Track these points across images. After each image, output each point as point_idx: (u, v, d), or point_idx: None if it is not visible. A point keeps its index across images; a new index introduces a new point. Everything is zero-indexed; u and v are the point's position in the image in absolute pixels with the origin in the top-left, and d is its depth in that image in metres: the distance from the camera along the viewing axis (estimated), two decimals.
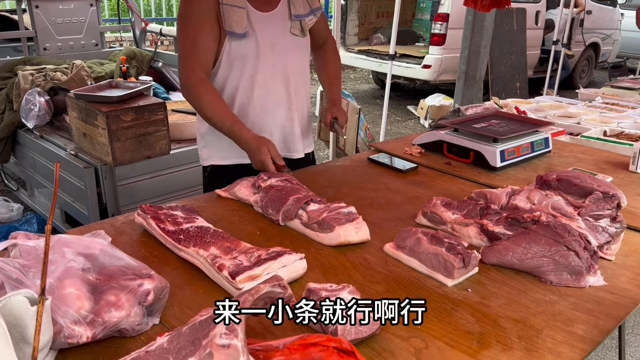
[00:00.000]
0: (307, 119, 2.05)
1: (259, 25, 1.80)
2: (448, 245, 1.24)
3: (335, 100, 2.04)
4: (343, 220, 1.38)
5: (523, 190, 1.58)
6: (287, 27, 1.87)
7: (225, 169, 1.95)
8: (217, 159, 1.96)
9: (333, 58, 2.14)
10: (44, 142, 3.17)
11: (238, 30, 1.75)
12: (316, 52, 2.14)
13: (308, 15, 1.90)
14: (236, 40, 1.78)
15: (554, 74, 7.45)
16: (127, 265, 1.09)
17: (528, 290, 1.21)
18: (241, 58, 1.81)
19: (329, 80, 2.10)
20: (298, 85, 1.94)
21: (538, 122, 2.20)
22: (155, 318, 1.07)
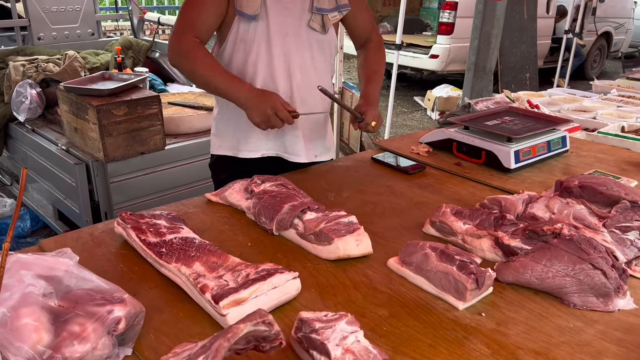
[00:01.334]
0: (317, 123, 1.89)
1: (274, 10, 1.66)
2: (459, 264, 1.11)
3: (367, 95, 1.84)
4: (343, 232, 1.25)
5: (541, 197, 1.44)
6: (305, 18, 1.71)
7: (229, 162, 1.86)
8: (224, 150, 1.87)
9: (375, 55, 1.95)
10: (35, 136, 3.06)
11: (248, 10, 1.62)
12: (359, 49, 2.00)
13: (332, 11, 1.74)
14: (245, 22, 1.65)
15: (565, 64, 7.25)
16: (96, 287, 0.97)
17: (549, 315, 1.08)
18: (248, 42, 1.69)
19: (366, 77, 1.91)
20: (308, 85, 1.78)
21: (555, 119, 2.06)
22: (128, 349, 0.95)
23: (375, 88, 1.87)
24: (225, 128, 1.85)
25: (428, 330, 1.02)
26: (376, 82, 1.89)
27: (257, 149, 1.83)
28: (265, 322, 0.75)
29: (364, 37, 1.95)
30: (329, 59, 1.85)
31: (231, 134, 1.84)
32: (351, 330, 0.90)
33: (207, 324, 1.01)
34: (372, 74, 1.91)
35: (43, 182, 3.09)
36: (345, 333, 0.89)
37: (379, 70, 1.93)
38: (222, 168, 1.88)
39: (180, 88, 3.74)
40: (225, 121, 1.85)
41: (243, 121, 1.74)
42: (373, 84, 1.87)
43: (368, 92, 1.85)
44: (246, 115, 1.62)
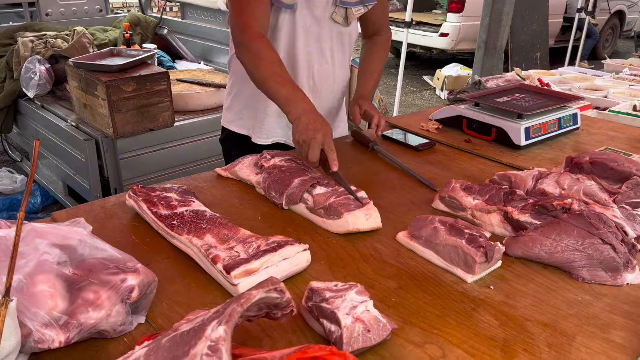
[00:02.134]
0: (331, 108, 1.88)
1: (302, 2, 1.63)
2: (469, 237, 1.12)
3: (364, 93, 1.81)
4: (352, 206, 1.25)
5: (551, 173, 1.44)
6: (328, 10, 1.68)
7: (241, 141, 1.85)
8: (236, 127, 1.86)
9: (380, 53, 1.90)
10: (45, 113, 3.07)
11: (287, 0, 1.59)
12: (365, 39, 1.92)
13: (357, 4, 1.70)
14: (276, 11, 1.62)
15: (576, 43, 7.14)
16: (109, 257, 0.98)
17: (558, 288, 1.09)
18: (276, 31, 1.66)
19: (365, 73, 1.86)
20: (324, 76, 1.77)
21: (566, 96, 2.03)
22: (141, 317, 0.96)
23: (374, 86, 1.87)
24: (239, 107, 1.83)
25: (436, 302, 1.03)
26: (376, 81, 1.88)
27: (270, 136, 1.81)
28: (277, 289, 0.76)
29: (375, 29, 1.90)
30: (348, 51, 1.81)
31: (246, 115, 1.82)
32: (361, 300, 0.91)
33: (218, 294, 1.03)
34: (374, 73, 1.87)
35: (53, 158, 3.11)
36: (355, 302, 0.90)
37: (380, 70, 1.91)
38: (232, 145, 1.88)
39: (188, 65, 3.73)
40: (240, 100, 1.83)
41: (260, 105, 1.73)
42: (372, 81, 1.86)
43: (365, 90, 1.83)
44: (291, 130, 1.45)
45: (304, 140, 1.36)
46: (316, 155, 1.35)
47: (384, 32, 1.92)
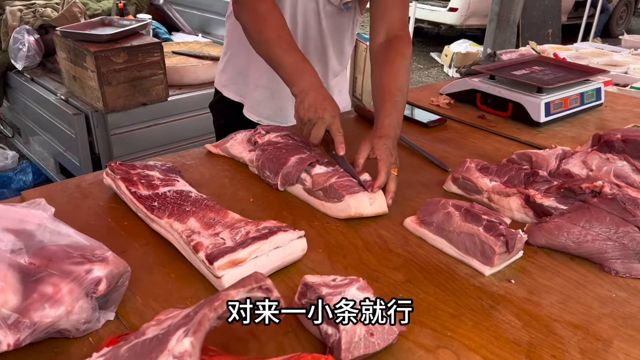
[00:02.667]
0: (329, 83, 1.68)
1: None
2: (487, 224, 0.98)
3: (381, 127, 1.24)
4: (355, 188, 1.12)
5: (577, 152, 1.29)
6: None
7: (233, 108, 1.68)
8: (229, 92, 1.68)
9: (399, 61, 1.35)
10: (34, 86, 2.93)
11: None
12: (375, 47, 1.41)
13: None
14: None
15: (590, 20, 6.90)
16: (74, 244, 0.85)
17: (588, 283, 0.95)
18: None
19: (383, 96, 1.31)
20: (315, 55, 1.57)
21: (589, 69, 1.88)
22: (110, 313, 0.84)
23: (397, 115, 1.28)
24: (233, 71, 1.67)
25: (450, 298, 0.90)
26: (399, 107, 1.29)
27: (257, 113, 1.64)
28: (262, 287, 0.63)
29: (387, 29, 1.41)
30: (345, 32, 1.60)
31: (239, 81, 1.66)
32: (363, 297, 0.78)
33: (200, 286, 0.90)
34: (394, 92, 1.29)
35: (44, 134, 2.98)
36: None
37: (404, 87, 1.33)
38: (223, 112, 1.71)
39: (185, 37, 3.56)
40: (234, 65, 1.66)
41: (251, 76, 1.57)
42: (394, 108, 1.28)
43: (384, 121, 1.25)
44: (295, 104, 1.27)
45: (310, 119, 1.21)
46: (320, 136, 1.21)
47: (401, 38, 1.40)
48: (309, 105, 1.22)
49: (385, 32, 1.40)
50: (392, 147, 1.21)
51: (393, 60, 1.35)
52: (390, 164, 1.17)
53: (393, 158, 1.19)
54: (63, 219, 1.07)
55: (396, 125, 1.26)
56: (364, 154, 1.19)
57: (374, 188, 1.12)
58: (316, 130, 1.20)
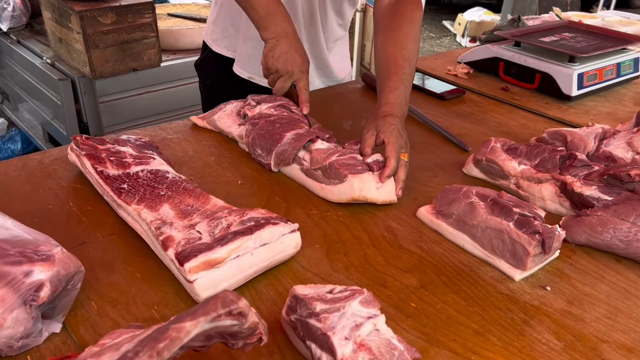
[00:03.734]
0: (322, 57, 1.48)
1: None
2: (519, 219, 0.81)
3: (385, 104, 1.07)
4: (359, 167, 0.95)
5: (619, 131, 1.11)
6: None
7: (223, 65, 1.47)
8: (219, 47, 1.47)
9: (407, 28, 1.17)
10: (20, 49, 2.74)
11: None
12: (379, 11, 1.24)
13: None
14: None
15: None
16: (12, 238, 0.69)
17: (639, 292, 0.79)
18: None
19: (387, 65, 1.13)
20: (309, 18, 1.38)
21: (625, 36, 1.67)
22: (56, 324, 0.69)
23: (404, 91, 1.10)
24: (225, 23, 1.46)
25: (473, 309, 0.74)
26: (406, 80, 1.11)
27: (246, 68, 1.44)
28: (232, 313, 0.47)
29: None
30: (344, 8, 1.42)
31: (231, 34, 1.45)
32: (367, 315, 0.62)
33: (170, 290, 0.75)
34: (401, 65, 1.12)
35: (31, 100, 2.81)
36: (359, 319, 0.61)
37: (412, 59, 1.14)
38: (210, 70, 1.50)
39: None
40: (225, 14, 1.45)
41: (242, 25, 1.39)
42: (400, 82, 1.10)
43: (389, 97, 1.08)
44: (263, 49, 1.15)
45: (277, 70, 1.13)
46: (285, 89, 1.16)
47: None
48: (279, 55, 1.12)
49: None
50: (400, 127, 1.03)
51: (400, 27, 1.17)
52: (400, 147, 0.99)
53: (402, 140, 1.01)
54: (18, 201, 0.92)
55: (403, 102, 1.08)
56: (371, 141, 1.01)
57: (382, 177, 0.94)
58: (281, 83, 1.14)
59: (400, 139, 1.01)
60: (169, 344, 0.40)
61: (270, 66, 1.13)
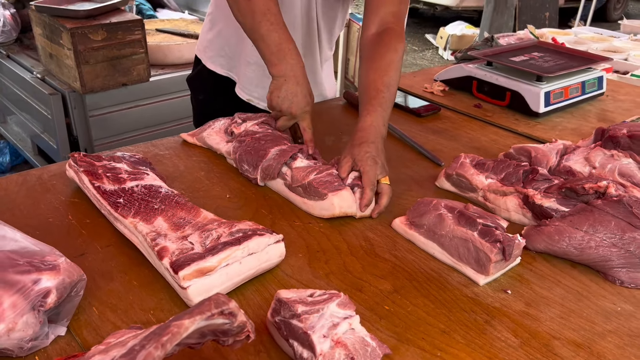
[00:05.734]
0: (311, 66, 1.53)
1: None
2: (482, 229, 0.90)
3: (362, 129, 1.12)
4: (336, 184, 1.02)
5: (578, 147, 1.21)
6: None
7: (216, 83, 1.52)
8: (213, 63, 1.52)
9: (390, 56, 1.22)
10: (10, 63, 2.79)
11: None
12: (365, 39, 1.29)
13: None
14: None
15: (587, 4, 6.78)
16: (20, 249, 0.76)
17: (590, 295, 0.88)
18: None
19: (368, 90, 1.19)
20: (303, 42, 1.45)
21: (590, 56, 1.78)
22: (61, 327, 0.75)
23: (383, 114, 1.15)
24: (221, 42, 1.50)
25: (441, 311, 0.82)
26: (385, 104, 1.17)
27: (247, 91, 1.50)
28: (223, 312, 0.54)
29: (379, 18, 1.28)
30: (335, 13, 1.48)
31: (228, 52, 1.50)
32: (344, 316, 0.70)
33: (165, 296, 0.81)
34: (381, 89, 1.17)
35: (20, 114, 2.86)
36: (336, 319, 0.69)
37: (393, 84, 1.20)
38: (203, 86, 1.54)
39: (170, 14, 3.42)
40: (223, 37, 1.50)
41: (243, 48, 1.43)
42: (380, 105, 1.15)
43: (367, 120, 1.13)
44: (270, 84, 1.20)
45: (281, 110, 1.19)
46: (286, 127, 1.22)
47: (393, 30, 1.27)
48: (284, 96, 1.17)
49: (378, 24, 1.28)
50: (376, 153, 1.08)
51: (383, 55, 1.23)
52: (376, 175, 1.05)
53: (378, 167, 1.06)
54: (19, 215, 0.99)
55: (381, 124, 1.14)
56: (347, 167, 1.06)
57: (361, 207, 1.02)
58: (283, 121, 1.21)
59: (375, 167, 1.05)
60: (171, 337, 0.48)
61: (274, 105, 1.18)
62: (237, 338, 0.60)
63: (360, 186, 1.03)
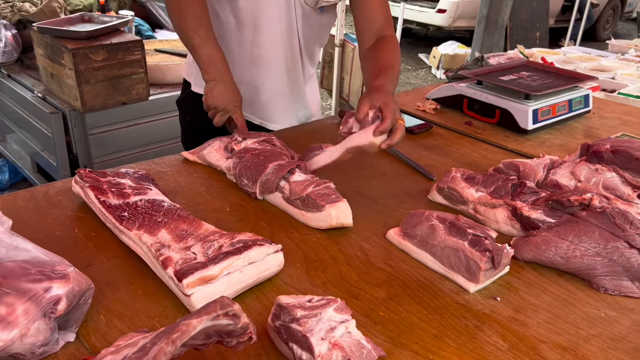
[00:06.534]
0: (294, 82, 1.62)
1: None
2: (472, 239, 0.94)
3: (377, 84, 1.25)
4: (333, 197, 1.07)
5: (565, 162, 1.26)
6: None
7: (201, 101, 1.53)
8: (198, 88, 1.59)
9: (389, 49, 1.41)
10: (11, 82, 2.84)
11: None
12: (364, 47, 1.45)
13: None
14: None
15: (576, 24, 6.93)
16: (32, 259, 0.79)
17: (576, 301, 0.92)
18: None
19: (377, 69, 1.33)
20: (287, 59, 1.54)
21: (577, 75, 1.85)
22: (70, 333, 0.78)
23: (392, 80, 1.30)
24: None
25: (433, 317, 0.86)
26: (393, 74, 1.32)
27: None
28: (228, 314, 0.58)
29: (373, 29, 1.44)
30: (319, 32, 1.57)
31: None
32: (340, 320, 0.74)
33: (169, 304, 0.85)
34: (387, 67, 1.33)
35: (20, 132, 2.89)
36: (334, 323, 0.73)
37: (396, 64, 1.39)
38: (191, 107, 1.60)
39: (169, 35, 3.49)
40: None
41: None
42: (387, 77, 1.29)
43: (380, 81, 1.26)
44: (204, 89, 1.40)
45: (216, 107, 1.39)
46: (222, 122, 1.42)
47: (388, 32, 1.46)
48: (217, 95, 1.37)
49: (374, 37, 1.44)
50: (392, 98, 1.19)
51: (382, 48, 1.41)
52: (397, 109, 1.15)
53: (397, 105, 1.17)
54: (27, 229, 1.02)
55: (390, 85, 1.26)
56: (365, 109, 1.15)
57: (376, 131, 1.12)
58: (219, 117, 1.41)
59: (395, 105, 1.16)
60: (180, 335, 0.51)
61: (210, 104, 1.39)
62: (240, 339, 0.64)
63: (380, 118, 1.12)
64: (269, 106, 1.59)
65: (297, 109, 1.64)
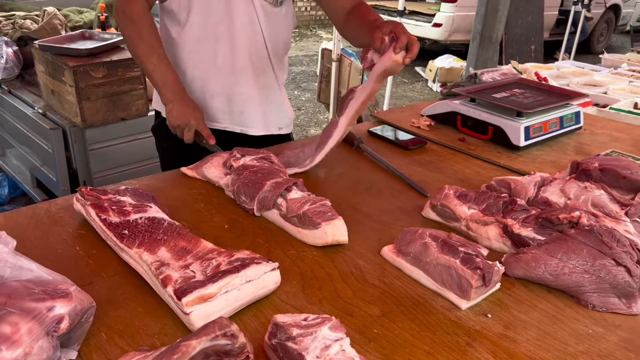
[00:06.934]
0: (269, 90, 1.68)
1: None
2: (464, 257, 0.97)
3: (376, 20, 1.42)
4: (329, 214, 1.10)
5: (555, 179, 1.29)
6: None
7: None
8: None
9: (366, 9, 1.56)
10: (11, 98, 2.87)
11: None
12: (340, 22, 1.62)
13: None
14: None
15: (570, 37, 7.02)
16: (35, 278, 0.82)
17: (565, 318, 0.94)
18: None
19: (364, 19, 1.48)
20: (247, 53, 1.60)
21: (568, 92, 1.89)
22: (72, 351, 0.81)
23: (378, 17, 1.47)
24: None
25: (425, 333, 0.88)
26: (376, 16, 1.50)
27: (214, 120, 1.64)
28: (226, 334, 0.60)
29: (346, 6, 1.59)
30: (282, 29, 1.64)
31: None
32: (335, 338, 0.76)
33: (169, 322, 0.87)
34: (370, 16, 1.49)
35: (20, 147, 2.92)
36: (328, 341, 0.75)
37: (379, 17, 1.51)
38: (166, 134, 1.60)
39: None
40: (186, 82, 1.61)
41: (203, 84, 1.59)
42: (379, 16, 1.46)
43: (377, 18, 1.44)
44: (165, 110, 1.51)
45: (179, 125, 1.49)
46: (191, 137, 1.51)
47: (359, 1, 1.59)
48: (177, 114, 1.48)
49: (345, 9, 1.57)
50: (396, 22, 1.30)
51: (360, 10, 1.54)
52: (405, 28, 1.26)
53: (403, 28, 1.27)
54: (30, 246, 1.05)
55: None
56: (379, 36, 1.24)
57: (396, 47, 1.21)
58: (187, 133, 1.50)
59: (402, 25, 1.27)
60: (180, 356, 0.54)
61: (173, 124, 1.49)
62: (238, 358, 0.66)
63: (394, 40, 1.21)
64: (245, 113, 1.65)
65: (273, 113, 1.70)
